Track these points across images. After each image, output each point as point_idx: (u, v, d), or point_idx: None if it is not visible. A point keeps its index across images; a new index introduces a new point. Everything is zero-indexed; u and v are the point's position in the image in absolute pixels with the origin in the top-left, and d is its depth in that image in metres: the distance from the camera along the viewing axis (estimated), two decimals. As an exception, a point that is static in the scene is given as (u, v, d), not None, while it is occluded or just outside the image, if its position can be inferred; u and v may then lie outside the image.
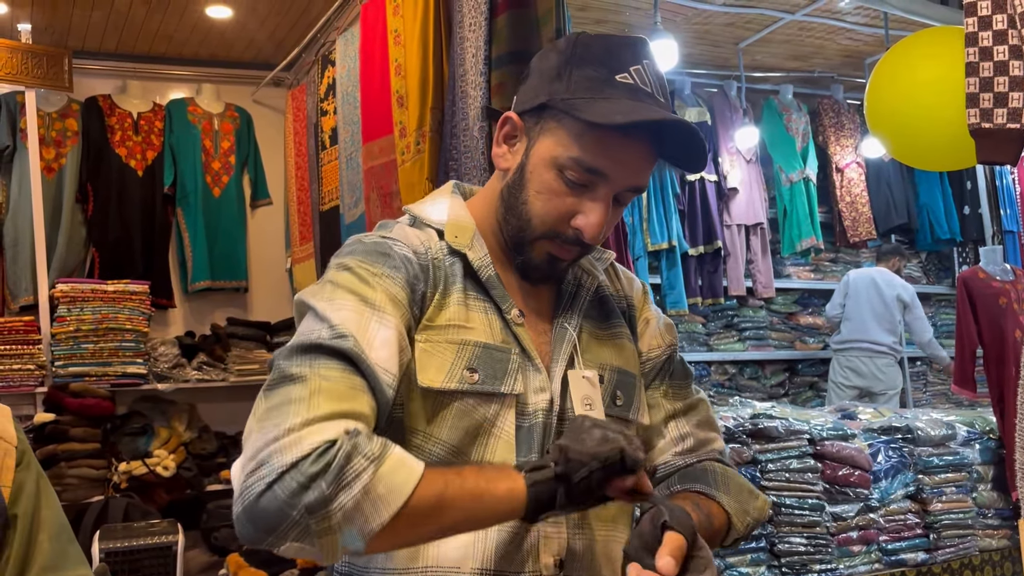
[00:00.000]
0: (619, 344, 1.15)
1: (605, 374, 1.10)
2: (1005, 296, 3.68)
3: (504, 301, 1.07)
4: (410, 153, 3.13)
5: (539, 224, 1.05)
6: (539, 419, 1.04)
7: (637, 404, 1.14)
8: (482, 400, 1.01)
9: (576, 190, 1.03)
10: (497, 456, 1.01)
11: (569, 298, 1.14)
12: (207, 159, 4.60)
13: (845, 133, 5.55)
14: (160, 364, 4.13)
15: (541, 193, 1.04)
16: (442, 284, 1.05)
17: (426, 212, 1.12)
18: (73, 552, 1.03)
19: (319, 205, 4.17)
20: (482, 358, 1.02)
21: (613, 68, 1.02)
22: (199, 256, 4.49)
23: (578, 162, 1.02)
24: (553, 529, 1.02)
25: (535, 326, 1.10)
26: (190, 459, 4.07)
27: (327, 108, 4.07)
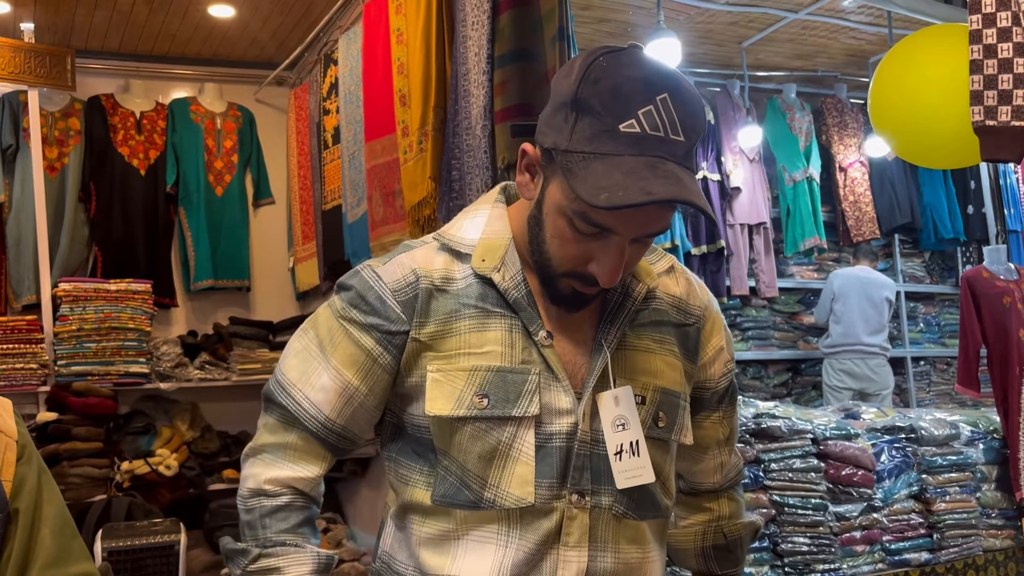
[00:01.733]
0: (667, 360, 1.09)
1: (648, 394, 1.06)
2: (1009, 295, 3.66)
3: (532, 323, 1.04)
4: (412, 152, 3.12)
5: (558, 265, 1.01)
6: (561, 442, 1.01)
7: (680, 425, 1.09)
8: (495, 424, 1.01)
9: (588, 238, 0.98)
10: (515, 478, 1.00)
11: (612, 310, 1.07)
12: (210, 158, 4.60)
13: (848, 132, 5.54)
14: (163, 363, 4.13)
15: (555, 238, 1.00)
16: (444, 312, 1.04)
17: (460, 233, 1.10)
18: (76, 547, 1.03)
19: (321, 204, 4.17)
20: (494, 383, 1.01)
21: (617, 114, 0.92)
22: (202, 255, 4.50)
23: (582, 217, 0.96)
24: (574, 552, 1.01)
25: (573, 343, 1.06)
26: (193, 458, 4.07)
27: (329, 107, 4.07)
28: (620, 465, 1.02)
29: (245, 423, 4.46)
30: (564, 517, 1.01)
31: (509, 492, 1.00)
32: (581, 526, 1.01)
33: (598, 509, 1.02)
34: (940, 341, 5.77)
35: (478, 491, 1.01)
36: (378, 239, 3.44)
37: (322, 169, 4.17)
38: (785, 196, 5.28)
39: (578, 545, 1.01)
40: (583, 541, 1.01)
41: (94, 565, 1.06)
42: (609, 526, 1.02)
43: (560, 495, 1.01)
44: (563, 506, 1.01)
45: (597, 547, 1.02)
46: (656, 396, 1.06)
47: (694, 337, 1.14)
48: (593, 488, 1.02)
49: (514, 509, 1.00)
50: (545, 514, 1.01)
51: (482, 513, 1.02)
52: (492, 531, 1.01)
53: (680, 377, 1.10)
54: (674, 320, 1.12)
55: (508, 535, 1.01)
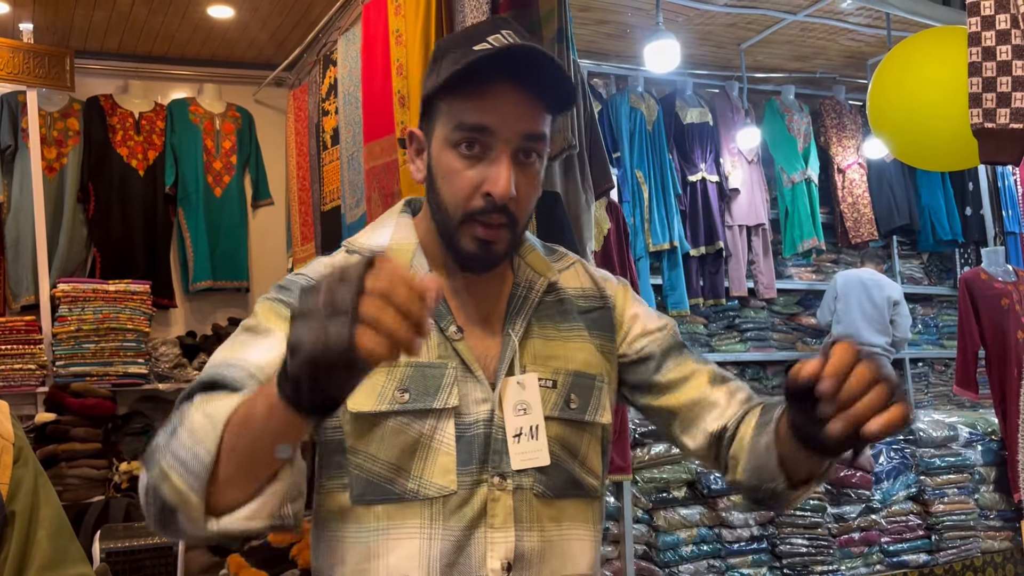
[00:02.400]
0: (578, 346, 1.14)
1: (559, 378, 1.10)
2: (1007, 297, 3.67)
3: (442, 319, 1.08)
4: (411, 153, 3.12)
5: (453, 206, 1.05)
6: (480, 429, 1.05)
7: (596, 405, 1.13)
8: (415, 417, 1.03)
9: (474, 160, 1.03)
10: (437, 467, 1.03)
11: (517, 303, 1.13)
12: (208, 159, 4.60)
13: (847, 134, 5.55)
14: (161, 364, 4.13)
15: (446, 177, 1.05)
16: None
17: (368, 242, 1.14)
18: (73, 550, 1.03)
19: (320, 205, 4.17)
20: (413, 377, 1.04)
21: (471, 42, 1.04)
22: (200, 256, 4.49)
23: (460, 127, 1.03)
24: (500, 534, 1.03)
25: (484, 337, 1.10)
26: (191, 459, 4.07)
27: (329, 108, 4.07)
28: (517, 447, 1.05)
29: (243, 424, 4.46)
30: (488, 500, 1.03)
31: (432, 482, 1.02)
32: (505, 508, 1.04)
33: (521, 490, 1.05)
34: (938, 343, 5.78)
35: (402, 483, 1.02)
36: (377, 240, 3.44)
37: (321, 170, 4.17)
38: (783, 197, 5.29)
39: (503, 526, 1.03)
40: (508, 522, 1.03)
41: (91, 568, 1.05)
42: (532, 506, 1.05)
43: (482, 480, 1.04)
44: (485, 490, 1.03)
45: (523, 527, 1.04)
46: (568, 379, 1.10)
47: (607, 318, 1.18)
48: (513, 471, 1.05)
49: (437, 498, 1.02)
50: (468, 500, 1.03)
51: (404, 507, 1.02)
52: (415, 524, 1.02)
53: (595, 359, 1.14)
54: (581, 307, 1.17)
55: (432, 526, 1.02)
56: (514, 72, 1.04)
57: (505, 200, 1.03)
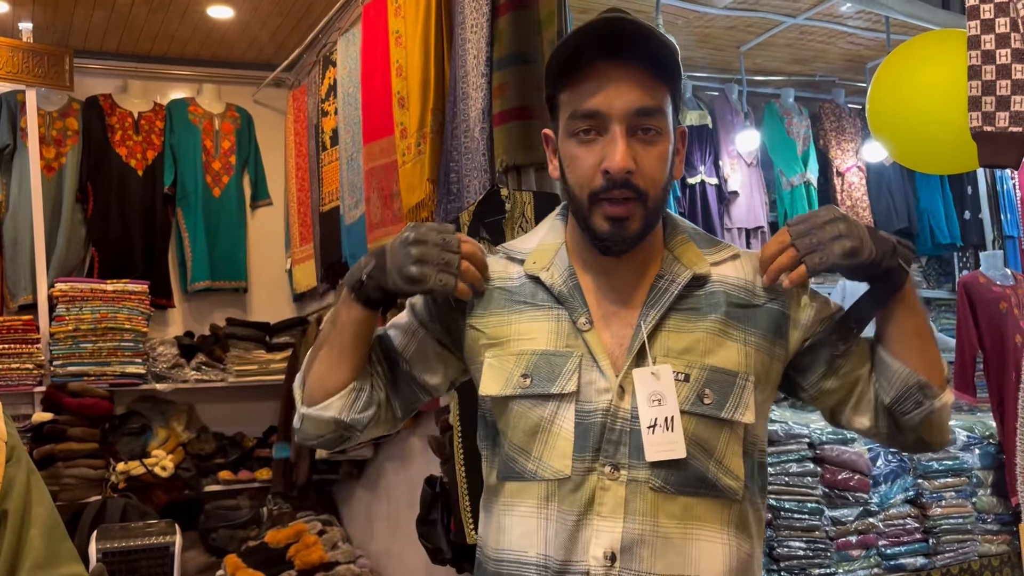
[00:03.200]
0: (720, 341, 1.11)
1: (692, 372, 1.09)
2: (1006, 301, 3.67)
3: (574, 311, 1.12)
4: (411, 154, 3.12)
5: (579, 190, 1.10)
6: (597, 418, 1.07)
7: (736, 403, 1.09)
8: (537, 402, 1.09)
9: (591, 144, 1.08)
10: (555, 451, 1.08)
11: (657, 294, 1.13)
12: (207, 159, 4.60)
13: (846, 137, 5.55)
14: (159, 364, 4.12)
15: (570, 165, 1.11)
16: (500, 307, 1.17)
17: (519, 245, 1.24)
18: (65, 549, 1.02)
19: (319, 206, 4.17)
20: (538, 364, 1.10)
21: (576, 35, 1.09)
22: (199, 256, 4.49)
23: (574, 115, 1.08)
24: (607, 523, 1.05)
25: (619, 328, 1.12)
26: (188, 459, 4.07)
27: (328, 109, 4.07)
28: (652, 439, 1.05)
29: (241, 424, 4.46)
30: (597, 488, 1.06)
31: (549, 464, 1.08)
32: (615, 498, 1.05)
33: (635, 483, 1.05)
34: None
35: (523, 463, 1.10)
36: (376, 241, 3.44)
37: (320, 171, 4.17)
38: (782, 200, 5.29)
39: (611, 516, 1.05)
40: (617, 512, 1.05)
41: (83, 567, 1.05)
42: (647, 499, 1.05)
43: (593, 468, 1.06)
44: (595, 478, 1.06)
45: (634, 519, 1.05)
46: (703, 374, 1.09)
47: (770, 315, 1.15)
48: (631, 463, 1.06)
49: (552, 481, 1.07)
50: (580, 486, 1.06)
51: (525, 486, 1.09)
52: (534, 506, 1.08)
53: (741, 358, 1.11)
54: (737, 301, 1.14)
55: (547, 507, 1.07)
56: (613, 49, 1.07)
57: (621, 173, 1.05)
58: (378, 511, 3.70)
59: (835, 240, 1.02)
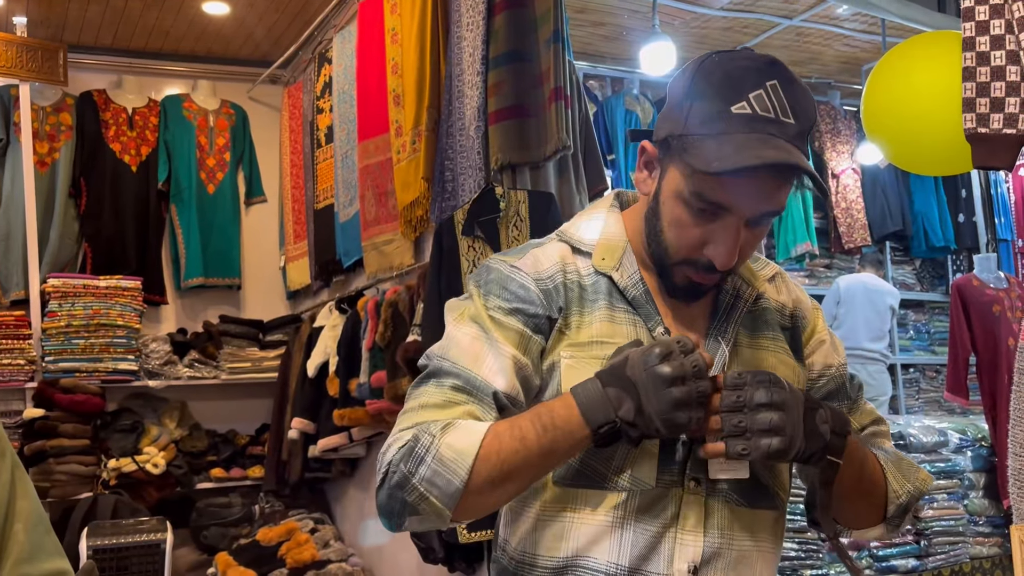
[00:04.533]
0: (781, 358, 1.14)
1: None
2: (999, 304, 3.68)
3: (650, 319, 1.09)
4: (406, 152, 3.12)
5: (674, 253, 1.06)
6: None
7: None
8: None
9: (704, 220, 1.03)
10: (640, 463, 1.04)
11: (725, 310, 1.13)
12: (202, 156, 4.59)
13: (841, 139, 5.56)
14: (152, 361, 4.11)
15: (672, 225, 1.05)
16: (578, 304, 1.10)
17: (579, 233, 1.16)
18: (49, 543, 1.01)
19: (314, 203, 4.16)
20: None
21: (729, 98, 0.99)
22: (192, 253, 4.47)
23: (699, 196, 1.02)
24: (690, 536, 1.05)
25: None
26: (180, 457, 4.05)
27: (323, 106, 4.06)
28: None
29: (234, 422, 4.44)
30: (683, 502, 1.04)
31: (633, 475, 1.04)
32: (697, 511, 1.05)
33: (713, 497, 1.05)
34: (930, 348, 5.79)
35: (603, 472, 1.05)
36: (370, 239, 3.43)
37: (315, 168, 4.16)
38: (777, 202, 5.29)
39: (695, 530, 1.05)
40: (699, 526, 1.04)
41: (67, 561, 1.04)
42: (724, 513, 1.06)
43: (679, 481, 1.05)
44: (681, 492, 1.05)
45: (713, 533, 1.05)
46: None
47: (798, 338, 1.18)
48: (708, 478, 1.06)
49: (634, 491, 1.04)
50: (665, 498, 1.04)
51: (602, 495, 1.05)
52: (609, 514, 1.04)
53: (793, 375, 1.14)
54: (780, 323, 1.17)
55: (625, 518, 1.04)
56: None
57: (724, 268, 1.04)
58: (371, 510, 3.69)
59: (764, 433, 0.94)
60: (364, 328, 3.21)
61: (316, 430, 3.57)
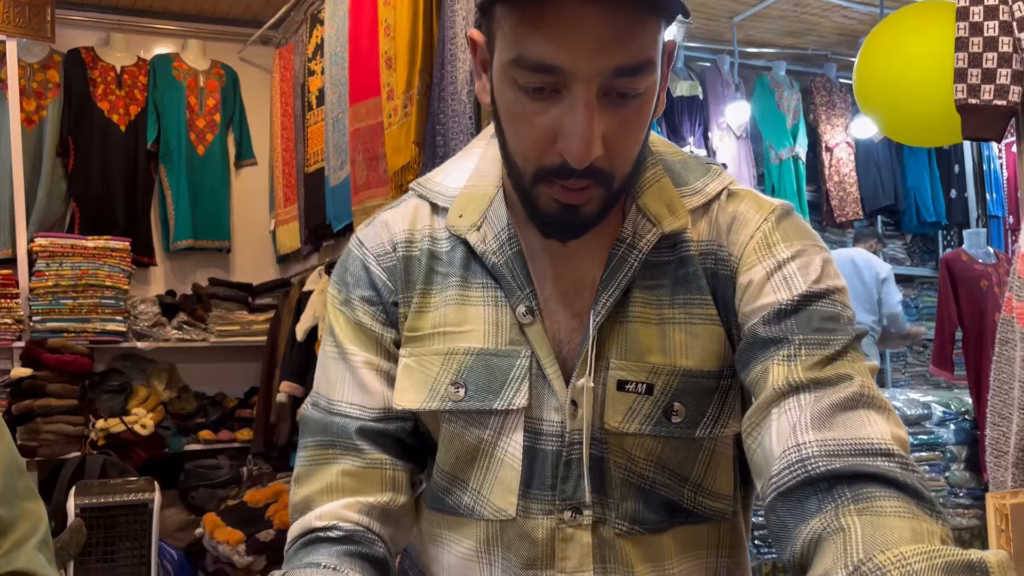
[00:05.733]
0: (697, 331, 0.82)
1: (658, 381, 0.81)
2: (987, 279, 3.70)
3: (513, 294, 0.83)
4: (397, 116, 3.09)
5: (523, 160, 0.77)
6: (551, 445, 0.82)
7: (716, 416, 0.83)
8: (473, 420, 0.83)
9: (543, 103, 0.73)
10: (497, 483, 0.83)
11: (615, 267, 0.82)
12: (191, 116, 4.54)
13: (836, 112, 5.54)
14: (140, 322, 4.10)
15: (511, 124, 0.76)
16: (425, 281, 0.86)
17: (443, 180, 0.90)
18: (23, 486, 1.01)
19: (304, 167, 4.13)
20: (473, 368, 0.82)
21: None
22: (182, 214, 4.45)
23: (520, 62, 0.72)
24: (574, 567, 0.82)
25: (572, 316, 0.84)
26: (169, 418, 4.06)
27: (315, 68, 4.02)
28: None
29: (222, 384, 4.45)
30: (557, 538, 0.81)
31: (490, 501, 0.83)
32: (580, 548, 0.81)
33: (603, 524, 0.82)
34: (918, 323, 5.82)
35: (457, 496, 0.85)
36: (360, 203, 3.41)
37: (305, 131, 4.12)
38: (770, 174, 5.28)
39: (579, 570, 0.82)
40: (585, 565, 0.81)
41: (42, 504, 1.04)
42: (622, 544, 0.82)
43: (550, 510, 0.82)
44: (553, 524, 0.82)
45: (606, 570, 0.82)
46: (672, 382, 0.81)
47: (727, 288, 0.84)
48: (595, 499, 0.82)
49: (494, 521, 0.83)
50: (532, 533, 0.82)
51: (461, 522, 0.85)
52: (473, 548, 0.85)
53: (721, 348, 0.83)
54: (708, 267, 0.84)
55: (490, 552, 0.83)
56: None
57: (584, 163, 0.73)
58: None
59: None
60: (353, 292, 3.20)
61: (304, 393, 3.58)
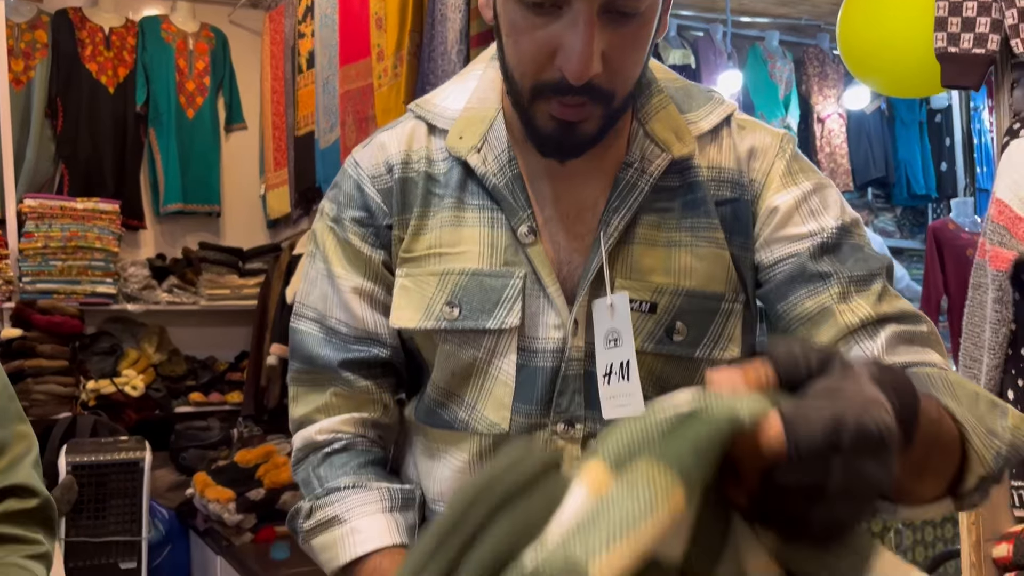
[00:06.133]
0: (703, 253, 0.85)
1: (662, 300, 0.84)
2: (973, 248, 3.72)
3: (514, 215, 0.85)
4: (387, 77, 3.08)
5: (520, 75, 0.79)
6: (547, 361, 0.85)
7: (717, 337, 0.86)
8: (468, 338, 0.86)
9: (544, 18, 0.75)
10: (491, 399, 0.86)
11: (623, 190, 0.84)
12: (181, 79, 4.51)
13: (828, 83, 5.54)
14: (130, 285, 4.10)
15: (510, 36, 0.79)
16: (422, 203, 0.89)
17: (442, 102, 0.92)
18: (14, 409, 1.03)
19: (294, 130, 4.12)
20: (467, 288, 0.85)
21: None
22: (171, 178, 4.43)
23: None
24: None
25: (573, 238, 0.86)
26: (159, 381, 4.08)
27: (305, 31, 4.00)
28: (608, 390, 0.84)
29: (213, 348, 4.46)
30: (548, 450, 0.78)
31: (484, 415, 0.87)
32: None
33: (594, 438, 0.84)
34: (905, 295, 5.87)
35: (453, 411, 0.89)
36: (350, 165, 3.41)
37: (296, 94, 4.10)
38: (762, 144, 5.29)
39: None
40: None
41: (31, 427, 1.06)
42: None
43: (542, 423, 0.85)
44: (546, 436, 0.85)
45: None
46: (675, 301, 0.85)
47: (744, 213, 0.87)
48: (588, 415, 0.85)
49: (487, 435, 0.86)
50: None
51: (456, 436, 0.89)
52: (467, 461, 0.88)
53: (726, 273, 0.86)
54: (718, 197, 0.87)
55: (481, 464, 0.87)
56: None
57: (583, 80, 0.75)
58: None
59: None
60: (343, 254, 3.21)
61: (294, 356, 3.60)
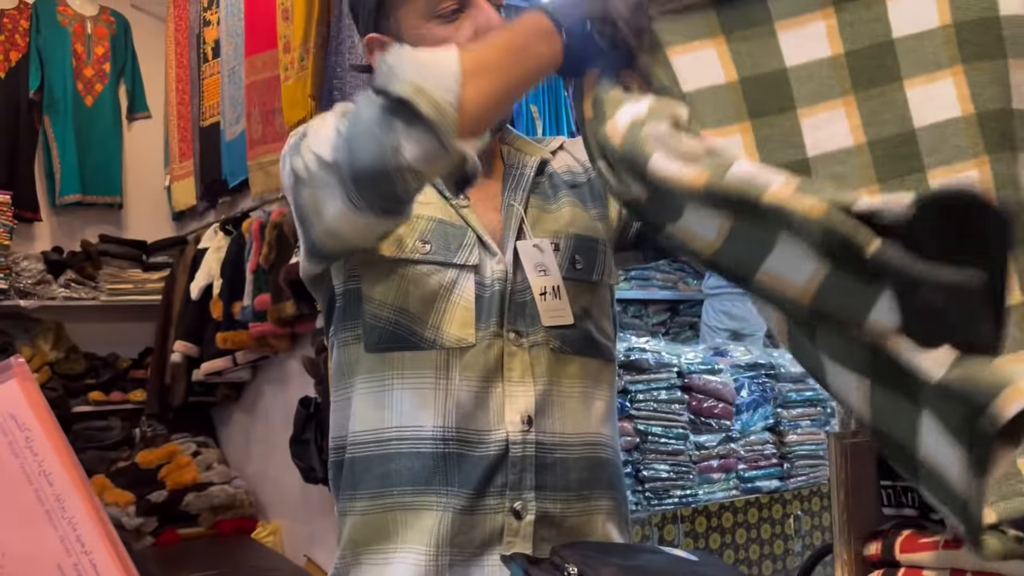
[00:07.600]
0: (573, 212, 1.16)
1: (560, 241, 1.12)
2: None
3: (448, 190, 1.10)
4: (293, 69, 3.01)
5: None
6: (496, 288, 1.06)
7: (601, 267, 1.15)
8: (437, 268, 1.05)
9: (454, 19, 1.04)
10: (456, 320, 1.04)
11: (514, 180, 1.15)
12: (78, 65, 4.31)
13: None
14: (23, 280, 3.91)
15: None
16: None
17: None
18: None
19: (199, 121, 3.99)
20: (435, 232, 1.06)
21: None
22: (68, 168, 4.24)
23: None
24: (519, 388, 1.05)
25: (485, 210, 1.12)
26: (56, 379, 3.91)
27: (210, 18, 3.87)
28: (545, 305, 1.08)
29: (114, 344, 4.30)
30: (504, 354, 1.04)
31: (450, 333, 1.04)
32: (522, 362, 1.05)
33: (537, 346, 1.06)
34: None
35: (419, 332, 1.04)
36: (256, 158, 3.33)
37: (201, 83, 3.97)
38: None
39: (521, 380, 1.05)
40: (526, 376, 1.05)
41: None
42: (548, 362, 1.07)
43: (500, 334, 1.05)
44: (502, 343, 1.05)
45: (541, 382, 1.06)
46: (570, 242, 1.13)
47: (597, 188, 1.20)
48: (529, 329, 1.07)
49: (455, 349, 1.03)
50: (486, 353, 1.04)
51: (419, 356, 1.04)
52: (430, 376, 1.04)
53: (593, 223, 1.17)
54: (569, 182, 1.20)
55: (448, 376, 1.03)
56: None
57: None
58: (255, 434, 3.66)
59: None
60: (248, 250, 3.14)
61: (200, 353, 3.50)
